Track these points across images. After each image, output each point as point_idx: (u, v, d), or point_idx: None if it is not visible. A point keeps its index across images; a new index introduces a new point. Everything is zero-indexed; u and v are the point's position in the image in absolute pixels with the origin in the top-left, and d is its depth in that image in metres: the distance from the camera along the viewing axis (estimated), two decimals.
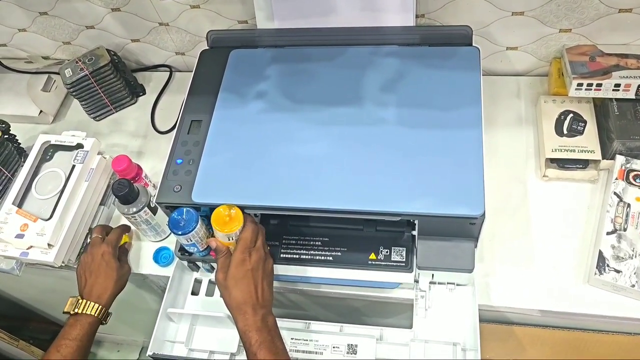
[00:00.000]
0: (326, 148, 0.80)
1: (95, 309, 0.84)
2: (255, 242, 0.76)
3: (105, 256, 0.88)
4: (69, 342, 0.81)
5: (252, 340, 0.69)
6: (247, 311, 0.71)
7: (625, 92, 0.90)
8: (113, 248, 0.90)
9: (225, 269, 0.75)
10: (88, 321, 0.83)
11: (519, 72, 1.08)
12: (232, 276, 0.74)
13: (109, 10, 1.12)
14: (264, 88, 0.88)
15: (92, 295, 0.85)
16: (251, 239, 0.76)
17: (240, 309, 0.72)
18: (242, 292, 0.73)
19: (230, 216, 0.76)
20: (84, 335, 0.82)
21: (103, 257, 0.88)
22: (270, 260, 0.78)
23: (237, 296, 0.73)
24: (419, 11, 0.98)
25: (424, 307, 0.83)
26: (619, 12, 0.92)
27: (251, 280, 0.73)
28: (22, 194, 0.97)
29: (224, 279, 0.74)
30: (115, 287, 0.88)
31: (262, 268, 0.75)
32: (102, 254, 0.88)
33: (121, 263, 0.91)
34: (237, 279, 0.73)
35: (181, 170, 0.83)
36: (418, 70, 0.86)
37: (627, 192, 0.87)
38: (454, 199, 0.73)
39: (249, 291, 0.73)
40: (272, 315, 0.73)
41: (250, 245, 0.76)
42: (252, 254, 0.75)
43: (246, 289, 0.73)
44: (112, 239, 0.91)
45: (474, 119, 0.79)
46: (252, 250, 0.75)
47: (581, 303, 0.82)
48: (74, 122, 1.21)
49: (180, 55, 1.21)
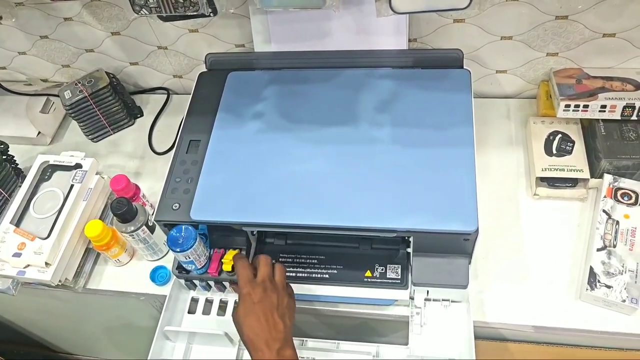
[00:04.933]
0: (322, 166, 0.82)
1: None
2: (257, 275, 0.75)
3: None
4: None
5: None
6: (260, 348, 0.69)
7: (611, 113, 0.93)
8: None
9: (237, 308, 0.73)
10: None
11: (509, 95, 1.12)
12: (241, 313, 0.72)
13: (108, 34, 1.14)
14: (262, 109, 0.91)
15: None
16: (245, 274, 0.75)
17: (253, 345, 0.69)
18: (251, 328, 0.70)
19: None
20: None
21: None
22: (283, 292, 0.75)
23: (248, 333, 0.70)
24: (412, 35, 1.01)
25: (419, 323, 0.84)
26: (603, 37, 0.95)
27: (260, 315, 0.71)
28: (20, 213, 0.97)
29: (236, 316, 0.73)
30: None
31: (271, 300, 0.72)
32: None
33: None
34: (244, 315, 0.71)
35: (180, 188, 0.84)
36: (411, 92, 0.89)
37: (616, 210, 0.89)
38: (448, 216, 0.75)
39: (259, 326, 0.70)
40: (290, 349, 0.70)
41: (249, 279, 0.74)
42: (256, 288, 0.73)
43: (256, 324, 0.70)
44: None
45: (466, 138, 0.82)
46: (255, 285, 0.74)
47: (574, 318, 0.84)
48: (71, 144, 1.22)
49: (178, 78, 1.23)
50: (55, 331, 1.45)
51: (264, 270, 0.76)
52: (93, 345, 1.48)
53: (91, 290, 0.99)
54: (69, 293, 1.00)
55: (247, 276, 0.75)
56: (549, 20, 0.94)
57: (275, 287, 0.75)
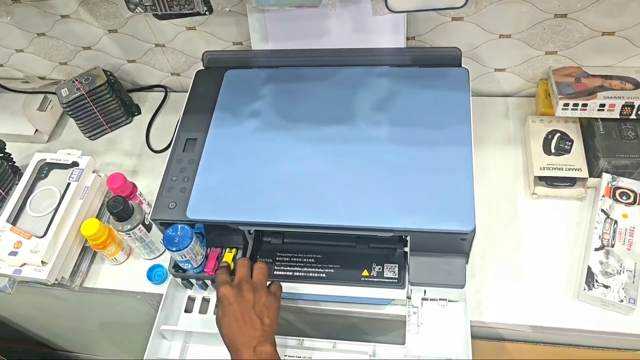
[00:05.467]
0: (319, 165, 0.82)
1: None
2: (235, 277, 0.77)
3: None
4: None
5: None
6: (238, 348, 0.69)
7: (610, 111, 0.93)
8: None
9: (217, 312, 0.75)
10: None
11: (507, 93, 1.11)
12: (219, 316, 0.73)
13: (106, 32, 1.14)
14: (259, 107, 0.90)
15: None
16: (222, 278, 0.76)
17: (232, 346, 0.70)
18: (228, 329, 0.72)
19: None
20: None
21: None
22: (262, 291, 0.75)
23: (226, 333, 0.72)
24: (410, 33, 1.00)
25: (416, 323, 0.84)
26: (602, 35, 0.95)
27: (237, 314, 0.72)
28: (17, 212, 0.97)
29: (217, 319, 0.74)
30: None
31: (247, 299, 0.73)
32: None
33: None
34: (221, 317, 0.73)
35: (176, 187, 0.84)
36: (409, 90, 0.89)
37: (614, 209, 0.88)
38: (445, 215, 0.74)
39: (236, 326, 0.71)
40: (268, 345, 0.70)
41: (225, 282, 0.75)
42: (231, 289, 0.74)
43: (233, 324, 0.71)
44: None
45: (463, 137, 0.81)
46: (230, 286, 0.75)
47: (571, 318, 0.83)
48: (69, 142, 1.22)
49: (176, 75, 1.23)
50: (53, 329, 1.45)
51: (240, 272, 0.77)
52: (90, 343, 1.48)
53: (88, 288, 0.99)
54: (65, 291, 0.99)
55: (223, 279, 0.76)
56: (548, 18, 0.93)
57: (253, 286, 0.75)
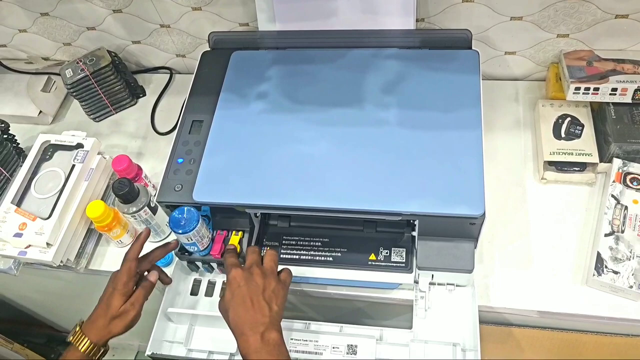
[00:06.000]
0: (327, 148, 0.81)
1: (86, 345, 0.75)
2: (246, 262, 0.76)
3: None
4: None
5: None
6: (244, 332, 0.69)
7: (622, 96, 0.91)
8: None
9: (223, 295, 0.74)
10: (76, 355, 0.75)
11: (517, 77, 1.09)
12: (227, 299, 0.72)
13: (110, 12, 1.12)
14: (266, 89, 0.89)
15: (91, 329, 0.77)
16: (232, 262, 0.76)
17: (238, 330, 0.70)
18: (236, 312, 0.70)
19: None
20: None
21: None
22: (271, 277, 0.74)
23: (233, 317, 0.70)
24: (419, 15, 0.99)
25: (423, 307, 0.83)
26: (616, 18, 0.93)
27: (246, 298, 0.71)
28: (21, 193, 0.97)
29: (222, 302, 0.73)
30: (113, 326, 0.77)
31: (257, 284, 0.72)
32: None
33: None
34: (230, 300, 0.72)
35: (182, 169, 0.83)
36: (418, 73, 0.87)
37: (625, 195, 0.87)
38: (454, 199, 0.73)
39: (244, 310, 0.70)
40: (275, 332, 0.69)
41: (235, 265, 0.75)
42: (243, 272, 0.73)
43: (240, 308, 0.70)
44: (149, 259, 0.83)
45: (473, 121, 0.80)
46: (241, 270, 0.74)
47: (579, 304, 0.83)
48: (73, 123, 1.21)
49: (181, 57, 1.21)
50: (58, 311, 1.45)
51: (251, 258, 0.76)
52: None
53: (93, 271, 0.98)
54: (70, 273, 0.99)
55: (233, 262, 0.76)
56: (560, 0, 0.91)
57: (263, 272, 0.74)
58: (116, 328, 0.77)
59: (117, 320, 0.77)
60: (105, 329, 0.76)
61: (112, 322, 0.77)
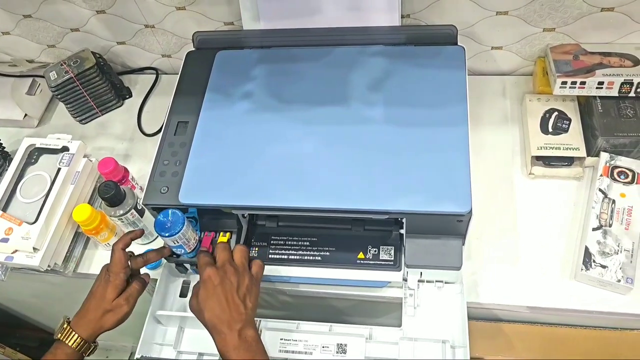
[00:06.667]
0: (313, 147, 0.80)
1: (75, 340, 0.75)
2: (217, 260, 0.75)
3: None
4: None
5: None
6: (222, 330, 0.69)
7: (609, 89, 0.91)
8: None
9: (196, 294, 0.73)
10: (65, 352, 0.75)
11: (504, 72, 1.09)
12: (202, 298, 0.71)
13: (93, 13, 1.11)
14: (251, 88, 0.88)
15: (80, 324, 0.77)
16: (205, 260, 0.75)
17: (215, 329, 0.69)
18: (212, 311, 0.70)
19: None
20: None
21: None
22: (244, 274, 0.74)
23: (209, 316, 0.70)
24: (405, 11, 0.98)
25: (412, 305, 0.83)
26: (602, 11, 0.93)
27: (221, 297, 0.70)
28: (7, 198, 0.96)
29: (195, 302, 0.73)
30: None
31: (231, 282, 0.72)
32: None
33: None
34: (205, 299, 0.71)
35: (168, 171, 0.82)
36: (404, 70, 0.87)
37: (612, 189, 0.88)
38: (441, 197, 0.73)
39: (220, 308, 0.70)
40: (251, 329, 0.70)
41: (208, 263, 0.74)
42: (216, 271, 0.73)
43: (217, 306, 0.70)
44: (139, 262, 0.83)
45: (460, 117, 0.80)
46: (214, 268, 0.73)
47: (568, 299, 0.83)
48: (59, 126, 1.20)
49: (167, 57, 1.20)
50: (50, 314, 1.44)
51: (222, 255, 0.75)
52: None
53: (82, 274, 0.98)
54: (59, 277, 0.99)
55: (206, 261, 0.75)
56: None
57: (236, 269, 0.74)
58: (108, 322, 0.76)
59: (109, 314, 0.76)
60: (96, 323, 0.76)
61: (105, 316, 0.76)
